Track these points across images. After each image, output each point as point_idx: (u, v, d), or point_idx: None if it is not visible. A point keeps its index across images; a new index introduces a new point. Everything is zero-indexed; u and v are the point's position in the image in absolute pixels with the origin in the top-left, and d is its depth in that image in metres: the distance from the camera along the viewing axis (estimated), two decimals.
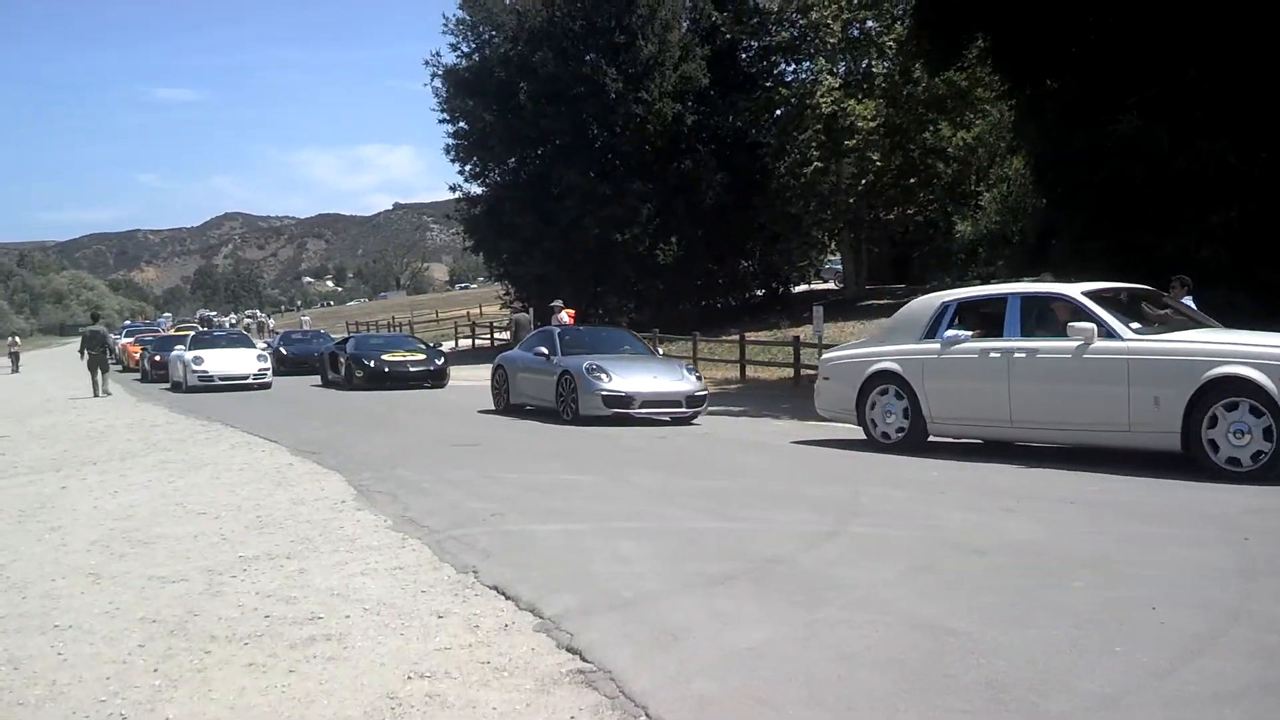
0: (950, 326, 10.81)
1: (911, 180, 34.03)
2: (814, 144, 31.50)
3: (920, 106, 32.39)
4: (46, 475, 10.76)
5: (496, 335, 39.37)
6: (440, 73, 37.87)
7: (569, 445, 12.44)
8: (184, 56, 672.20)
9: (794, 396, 17.97)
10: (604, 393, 14.26)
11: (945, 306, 11.00)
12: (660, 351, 18.51)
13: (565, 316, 26.61)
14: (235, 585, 6.08)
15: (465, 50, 37.55)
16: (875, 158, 31.47)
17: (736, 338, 24.59)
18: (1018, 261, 32.26)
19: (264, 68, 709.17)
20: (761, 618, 4.96)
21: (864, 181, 32.33)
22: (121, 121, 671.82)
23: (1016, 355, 10.10)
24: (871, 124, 30.88)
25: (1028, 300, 10.40)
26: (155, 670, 4.52)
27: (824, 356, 12.90)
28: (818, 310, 19.64)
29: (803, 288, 43.53)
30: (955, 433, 11.13)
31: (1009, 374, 10.12)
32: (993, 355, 10.30)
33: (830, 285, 46.51)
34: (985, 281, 31.57)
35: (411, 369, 23.05)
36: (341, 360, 23.78)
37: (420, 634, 4.93)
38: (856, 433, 11.80)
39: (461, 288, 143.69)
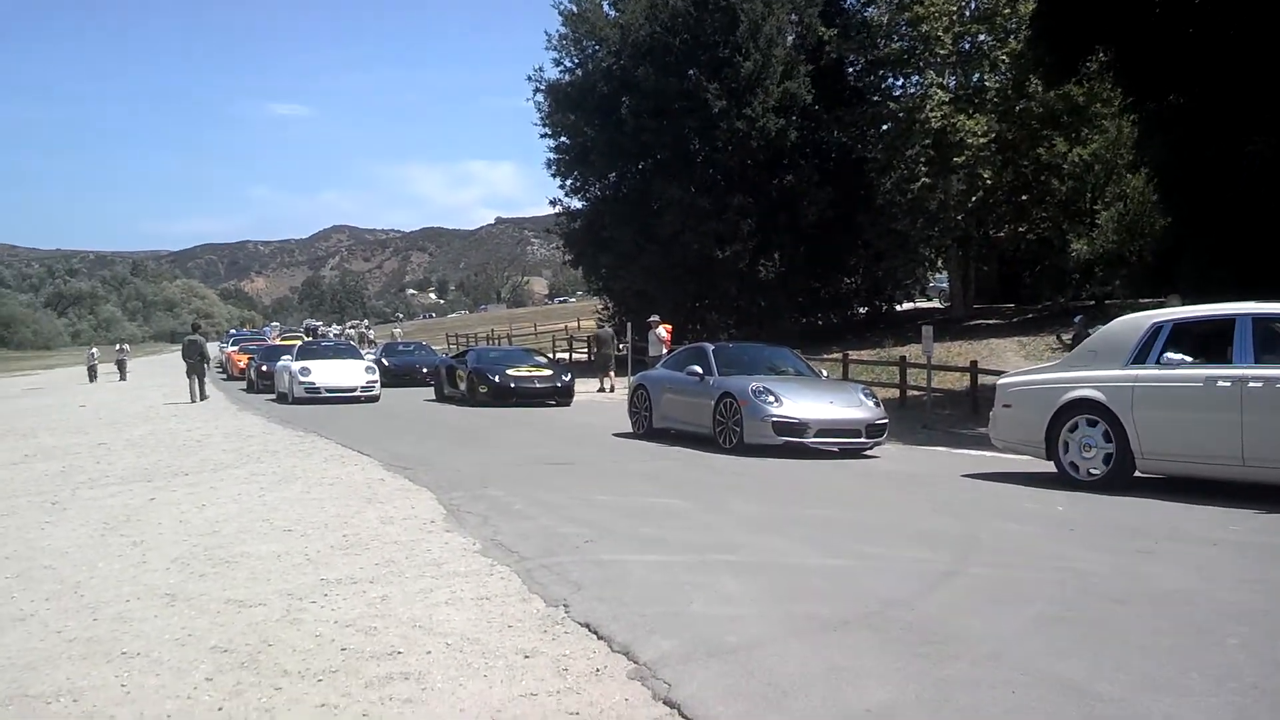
0: (1165, 350, 9.65)
1: (1024, 197, 32.98)
2: (922, 159, 30.65)
3: (1034, 121, 31.37)
4: (136, 486, 10.67)
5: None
6: (543, 87, 37.96)
7: (661, 467, 11.96)
8: (299, 75, 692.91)
9: (901, 418, 17.26)
10: (774, 419, 12.65)
11: (1158, 328, 9.82)
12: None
13: (663, 332, 26.27)
14: (314, 612, 5.76)
15: (568, 65, 37.62)
16: (986, 174, 30.50)
17: (839, 356, 23.90)
18: (1136, 282, 31.13)
19: (373, 86, 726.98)
20: (883, 673, 4.44)
21: (974, 198, 31.35)
22: (237, 136, 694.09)
23: (1251, 384, 8.92)
24: (982, 139, 29.94)
25: (1261, 322, 9.21)
26: (220, 710, 4.19)
27: (1004, 381, 11.48)
28: (927, 330, 18.87)
29: (907, 306, 42.55)
30: (1169, 470, 9.83)
31: (1241, 405, 8.96)
32: (1221, 384, 9.13)
33: (935, 304, 45.42)
34: (1100, 301, 30.51)
35: (538, 385, 22.04)
36: (461, 374, 22.85)
37: (505, 676, 4.53)
38: (991, 461, 11.14)
39: (560, 301, 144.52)
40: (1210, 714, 3.90)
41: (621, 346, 34.10)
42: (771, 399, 12.82)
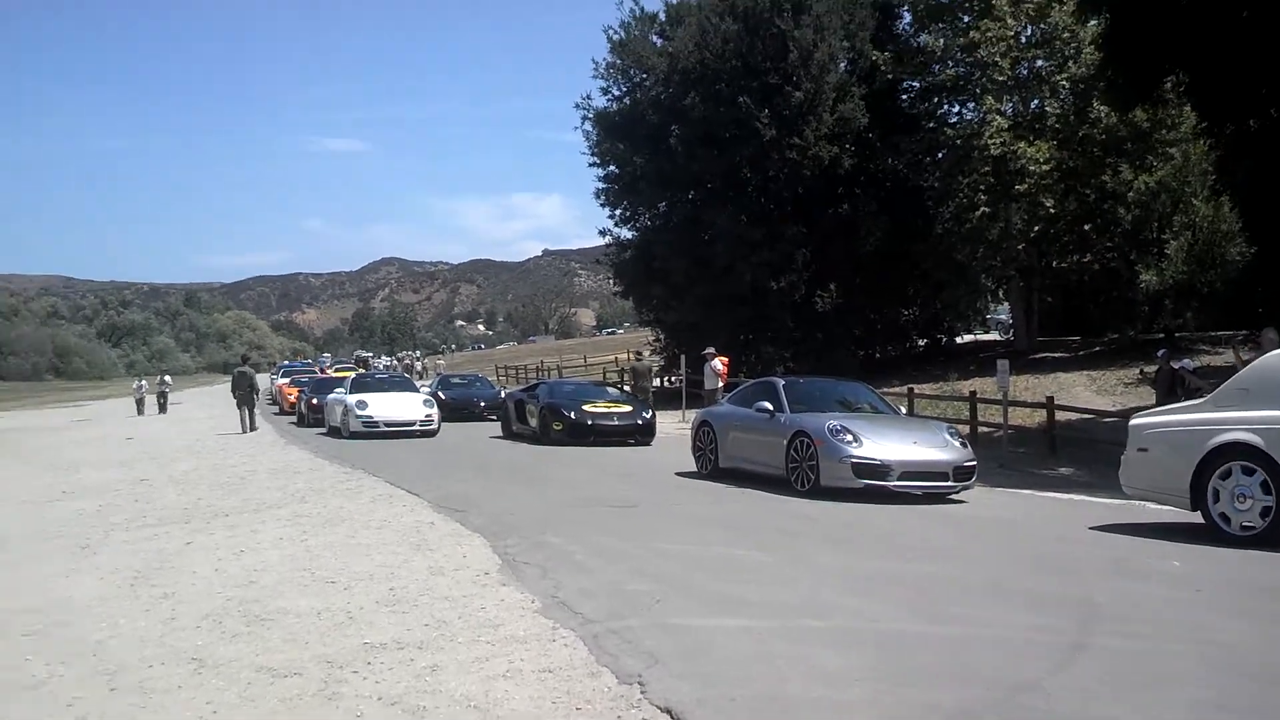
0: None
1: (1087, 226, 31.92)
2: (981, 187, 29.69)
3: (1096, 149, 30.37)
4: (174, 528, 10.10)
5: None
6: (591, 116, 37.34)
7: (730, 512, 11.14)
8: (348, 109, 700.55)
9: (980, 458, 16.33)
10: (854, 460, 11.64)
11: None
12: None
13: (719, 365, 25.53)
14: (355, 684, 5.10)
15: (616, 94, 36.96)
16: (1048, 202, 29.50)
17: (902, 390, 22.95)
18: (1211, 315, 30.00)
19: (421, 120, 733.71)
20: None
21: (1036, 227, 30.35)
22: (289, 170, 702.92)
23: None
24: (1044, 166, 28.96)
25: None
26: None
27: (1138, 422, 10.23)
28: (1003, 364, 17.93)
29: (967, 338, 41.50)
30: None
31: None
32: None
33: (994, 336, 44.32)
34: (1170, 335, 29.46)
35: (617, 422, 20.30)
36: (532, 409, 21.15)
37: None
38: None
39: (608, 333, 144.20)
40: None
41: (675, 379, 33.49)
42: (850, 438, 11.84)
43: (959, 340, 39.77)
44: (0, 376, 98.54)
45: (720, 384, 25.25)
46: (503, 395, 26.22)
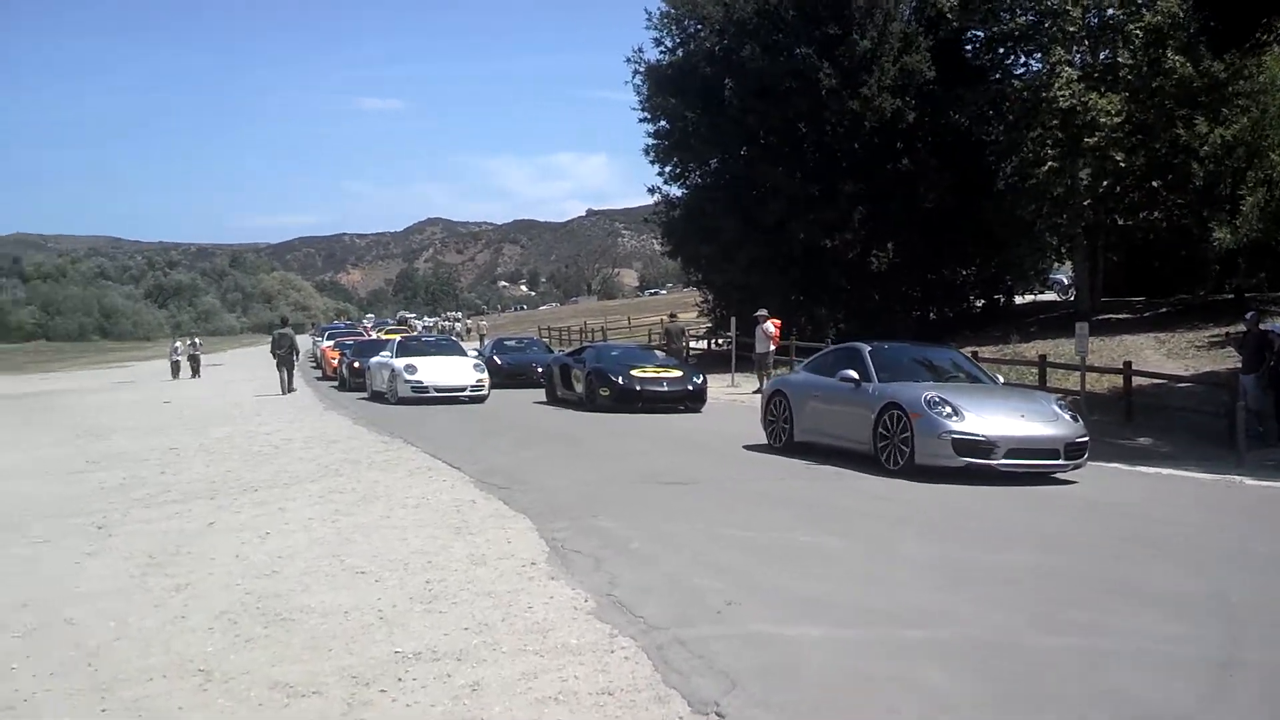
0: None
1: (1156, 183, 30.45)
2: (1048, 141, 28.38)
3: (1169, 101, 28.86)
4: (198, 505, 9.39)
5: (691, 344, 37.69)
6: (641, 70, 36.15)
7: (806, 491, 10.14)
8: (392, 68, 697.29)
9: None
10: (955, 436, 10.44)
11: None
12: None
13: (770, 328, 24.60)
14: (383, 708, 4.36)
15: (668, 46, 35.68)
16: (1119, 157, 28.12)
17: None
18: None
19: (464, 78, 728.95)
20: None
21: (1104, 184, 29.00)
22: (333, 131, 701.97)
23: None
24: (1116, 119, 27.58)
25: None
26: None
27: None
28: (1082, 328, 16.74)
29: (1025, 299, 40.11)
30: None
31: None
32: None
33: (1053, 296, 42.84)
34: (1240, 294, 27.99)
35: (666, 388, 19.36)
36: (578, 374, 20.30)
37: None
38: None
39: (651, 293, 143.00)
40: None
41: (723, 342, 32.58)
42: (949, 411, 10.62)
43: (1017, 301, 38.42)
44: (47, 336, 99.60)
45: (772, 347, 24.36)
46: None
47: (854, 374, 11.91)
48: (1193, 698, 4.30)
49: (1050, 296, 43.36)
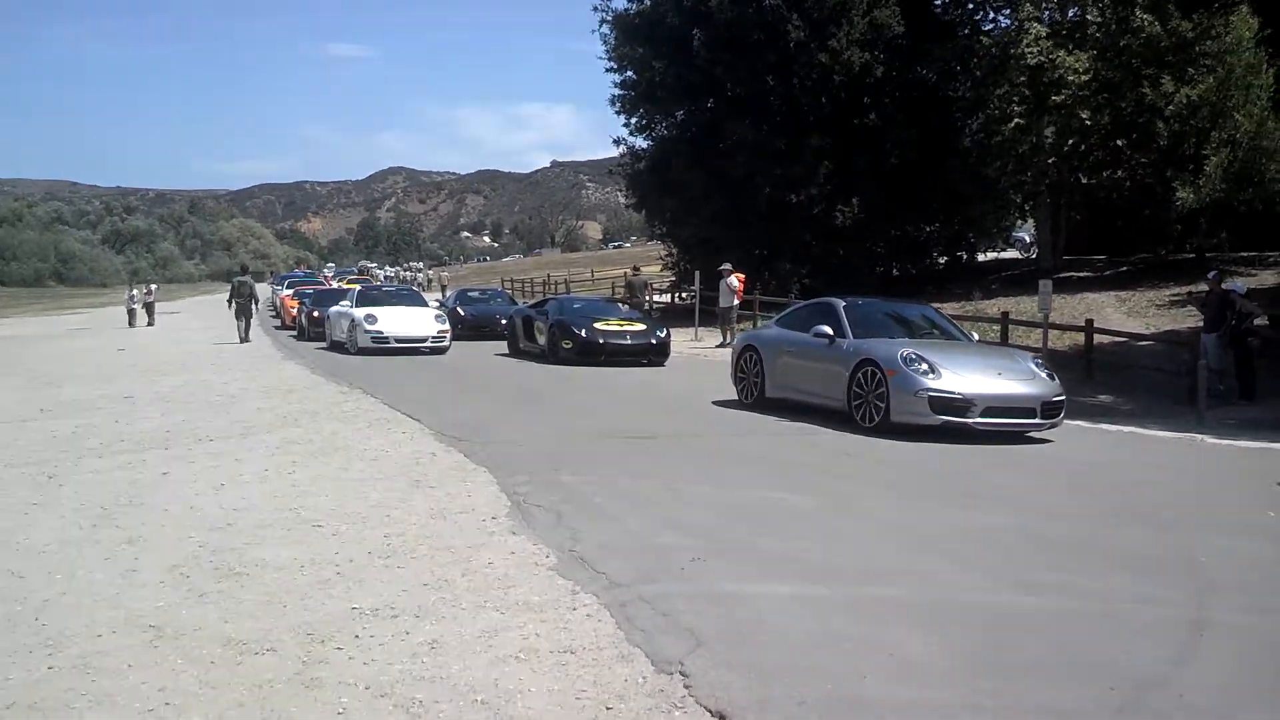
0: None
1: (1121, 142, 30.50)
2: (1015, 98, 28.32)
3: (1135, 60, 28.83)
4: (151, 454, 9.18)
5: (654, 298, 37.52)
6: (609, 19, 35.69)
7: (777, 448, 10.01)
8: (355, 14, 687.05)
9: None
10: (931, 393, 10.30)
11: None
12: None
13: (734, 281, 24.52)
14: (339, 665, 4.24)
15: None
16: (1085, 115, 28.12)
17: None
18: (1246, 235, 28.80)
19: (428, 26, 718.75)
20: None
21: (1069, 142, 29.01)
22: (294, 77, 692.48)
23: None
24: (1084, 77, 27.55)
25: None
26: None
27: None
28: (1045, 285, 16.81)
29: (990, 256, 40.24)
30: None
31: None
32: None
33: (1015, 254, 43.04)
34: (1201, 254, 28.17)
35: (630, 341, 19.28)
36: (540, 327, 20.13)
37: None
38: None
39: (614, 246, 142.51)
40: None
41: (687, 296, 32.45)
42: (926, 368, 10.48)
43: (980, 259, 38.53)
44: (1, 282, 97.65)
45: (736, 302, 24.30)
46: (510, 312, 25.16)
47: (828, 330, 11.74)
48: (1163, 661, 4.26)
49: (1012, 254, 43.58)
